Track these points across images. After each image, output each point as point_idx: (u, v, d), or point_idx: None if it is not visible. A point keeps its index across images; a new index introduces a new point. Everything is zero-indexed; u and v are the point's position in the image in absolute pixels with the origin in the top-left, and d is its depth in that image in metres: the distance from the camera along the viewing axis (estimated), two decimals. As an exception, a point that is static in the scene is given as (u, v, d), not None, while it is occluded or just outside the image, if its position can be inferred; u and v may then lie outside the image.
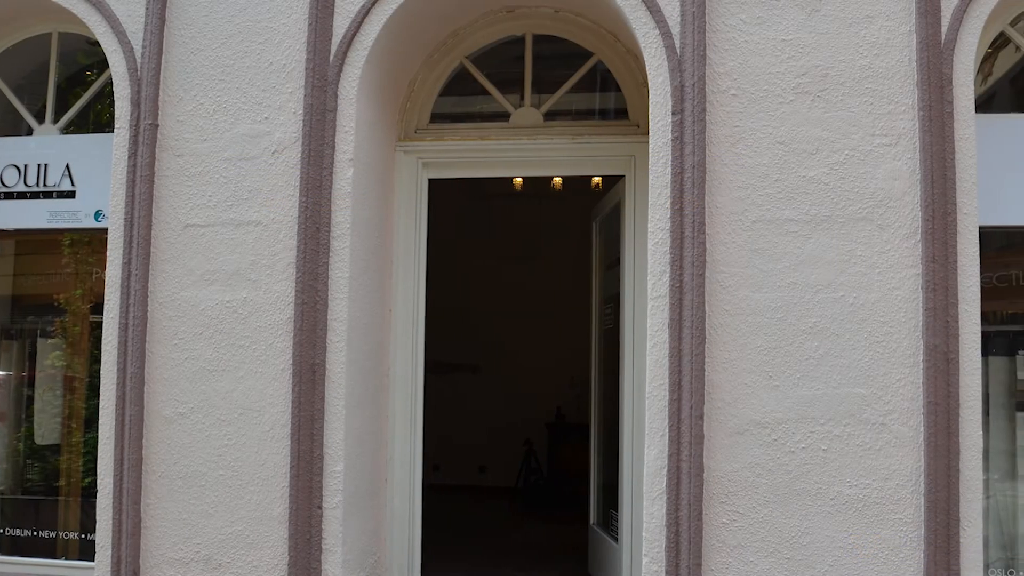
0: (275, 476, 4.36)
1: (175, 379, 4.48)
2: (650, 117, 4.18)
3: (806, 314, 4.02)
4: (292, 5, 4.52)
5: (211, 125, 4.55)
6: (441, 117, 5.16)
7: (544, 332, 9.99)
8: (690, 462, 3.97)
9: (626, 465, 4.98)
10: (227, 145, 4.52)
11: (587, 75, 5.07)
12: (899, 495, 3.91)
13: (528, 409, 10.00)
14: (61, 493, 5.23)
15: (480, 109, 5.19)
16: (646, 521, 4.04)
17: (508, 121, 5.07)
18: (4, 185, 5.02)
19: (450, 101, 5.18)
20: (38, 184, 5.00)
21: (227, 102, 4.55)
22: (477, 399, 10.27)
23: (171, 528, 4.45)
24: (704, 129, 4.09)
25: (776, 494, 3.99)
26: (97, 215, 4.91)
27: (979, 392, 3.92)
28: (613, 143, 4.97)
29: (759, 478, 4.00)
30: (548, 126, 5.03)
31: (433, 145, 5.06)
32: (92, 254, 5.18)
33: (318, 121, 4.42)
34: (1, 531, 5.14)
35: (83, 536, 5.04)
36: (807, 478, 3.98)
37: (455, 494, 9.40)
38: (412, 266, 5.04)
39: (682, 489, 3.98)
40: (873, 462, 3.94)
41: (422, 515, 5.07)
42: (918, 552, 3.88)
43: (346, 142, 4.42)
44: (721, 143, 4.11)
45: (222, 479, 4.42)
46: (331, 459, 4.32)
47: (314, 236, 4.38)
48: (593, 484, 5.95)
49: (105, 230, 4.62)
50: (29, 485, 5.32)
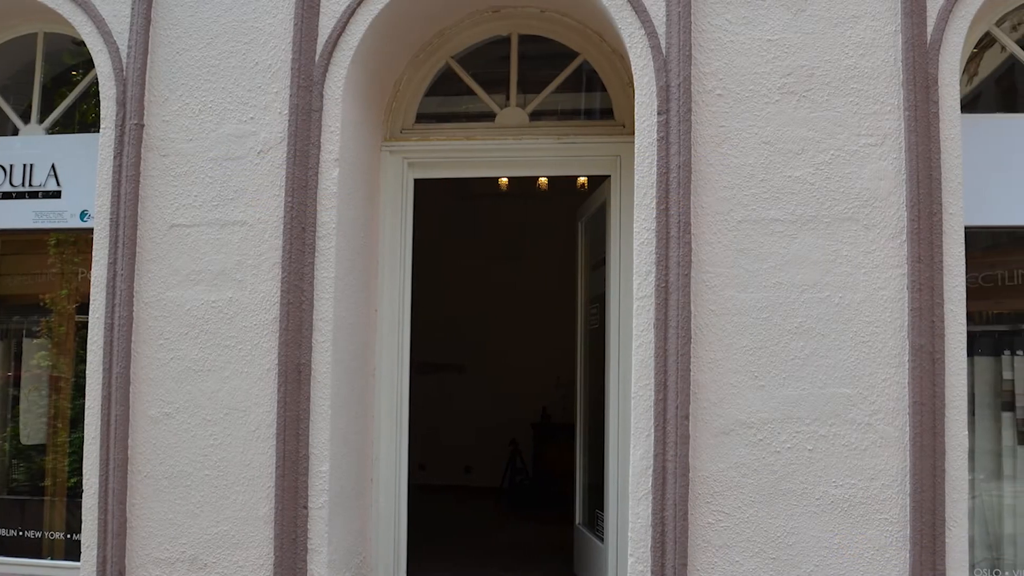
0: (261, 476, 4.36)
1: (161, 379, 4.48)
2: (636, 117, 4.18)
3: (792, 314, 4.02)
4: (278, 5, 4.51)
5: (197, 125, 4.54)
6: (427, 117, 5.15)
7: (530, 332, 9.97)
8: (676, 462, 3.97)
9: (611, 465, 4.97)
10: (213, 145, 4.52)
11: (573, 75, 5.07)
12: (885, 495, 3.92)
13: (514, 409, 9.97)
14: (47, 493, 5.21)
15: (466, 109, 5.18)
16: (632, 521, 4.04)
17: (494, 121, 5.07)
18: (-10, 185, 5.02)
19: (436, 101, 5.17)
20: (24, 184, 4.98)
21: (213, 102, 4.54)
22: (463, 399, 10.25)
23: (157, 528, 4.44)
24: (690, 129, 4.09)
25: (762, 494, 3.99)
26: (83, 215, 4.90)
27: (965, 392, 3.92)
28: (599, 143, 4.96)
29: (745, 478, 4.00)
30: (534, 126, 5.03)
31: (419, 145, 5.05)
32: (78, 254, 5.16)
33: (304, 121, 4.41)
34: (-13, 531, 5.13)
35: (69, 536, 5.02)
36: (793, 478, 3.98)
37: (441, 494, 9.39)
38: (398, 266, 5.03)
39: (668, 489, 3.98)
40: (859, 462, 3.94)
41: (408, 515, 5.07)
42: (904, 552, 3.88)
43: (332, 142, 4.41)
44: (707, 143, 4.11)
45: (208, 479, 4.41)
46: (317, 459, 4.31)
47: (300, 236, 4.38)
48: (579, 484, 5.94)
49: (91, 230, 4.62)
50: (15, 485, 5.29)
